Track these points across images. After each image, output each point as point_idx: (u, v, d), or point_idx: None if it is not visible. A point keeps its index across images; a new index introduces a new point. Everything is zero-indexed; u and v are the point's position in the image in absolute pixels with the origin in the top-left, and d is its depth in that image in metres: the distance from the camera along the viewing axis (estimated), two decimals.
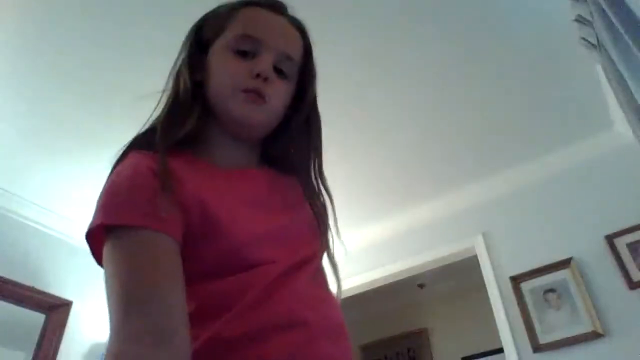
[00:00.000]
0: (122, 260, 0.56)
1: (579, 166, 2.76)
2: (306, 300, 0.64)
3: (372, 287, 3.37)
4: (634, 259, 2.34)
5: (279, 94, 0.75)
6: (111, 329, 0.52)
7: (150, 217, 0.58)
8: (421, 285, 4.45)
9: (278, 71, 0.75)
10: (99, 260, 0.61)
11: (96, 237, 0.60)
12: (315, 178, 0.81)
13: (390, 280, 3.32)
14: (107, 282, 0.56)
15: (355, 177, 2.91)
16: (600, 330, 2.27)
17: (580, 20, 1.87)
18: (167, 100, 0.74)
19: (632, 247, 2.37)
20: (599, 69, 2.20)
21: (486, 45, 2.16)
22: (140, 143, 0.70)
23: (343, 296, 2.95)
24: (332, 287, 0.74)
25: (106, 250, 0.58)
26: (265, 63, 0.72)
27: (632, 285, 2.28)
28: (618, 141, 2.65)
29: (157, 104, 0.74)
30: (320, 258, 0.75)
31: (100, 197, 0.62)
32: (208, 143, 0.75)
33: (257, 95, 0.71)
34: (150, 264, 0.56)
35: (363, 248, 3.39)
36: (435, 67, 2.24)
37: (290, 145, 0.81)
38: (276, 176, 0.79)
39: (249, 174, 0.76)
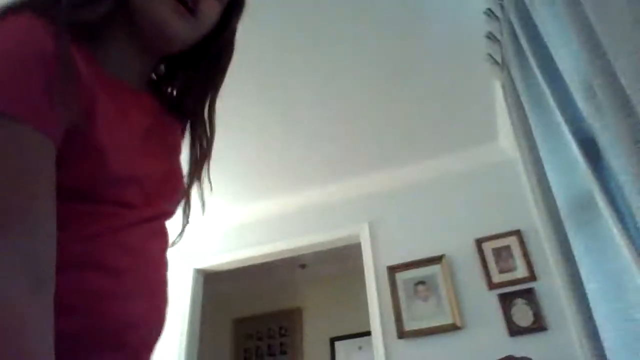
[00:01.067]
0: None
1: (461, 173, 2.98)
2: (138, 254, 0.59)
3: (254, 262, 3.35)
4: (496, 262, 2.60)
5: (210, 12, 0.67)
6: None
7: (38, 111, 0.45)
8: (303, 266, 4.54)
9: None
10: None
11: None
12: (207, 121, 0.75)
13: (274, 258, 3.33)
14: None
15: (254, 150, 2.85)
16: (459, 323, 2.49)
17: (490, 37, 1.99)
18: None
19: (496, 252, 2.63)
20: (496, 85, 2.38)
21: (401, 46, 2.21)
22: (36, 4, 0.53)
23: (225, 268, 2.89)
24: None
25: None
26: None
27: (491, 285, 2.53)
28: (499, 155, 2.90)
29: None
30: (174, 214, 0.69)
31: None
32: (108, 45, 0.63)
33: (186, 9, 0.63)
34: (28, 174, 0.44)
35: (251, 222, 3.36)
36: (347, 58, 2.26)
37: (192, 78, 0.74)
38: (161, 111, 0.71)
39: (141, 99, 0.67)
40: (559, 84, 1.22)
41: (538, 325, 2.34)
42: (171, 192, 0.67)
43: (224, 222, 3.43)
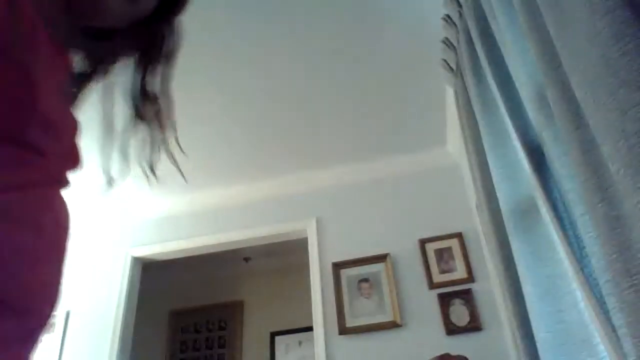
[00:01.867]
0: None
1: (409, 174, 3.05)
2: (55, 215, 0.54)
3: (197, 253, 3.27)
4: (437, 263, 2.67)
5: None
6: None
7: None
8: (247, 259, 4.48)
9: None
10: None
11: None
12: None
13: (218, 250, 3.26)
14: None
15: (202, 139, 2.77)
16: (398, 321, 2.54)
17: (446, 43, 2.04)
18: None
19: (438, 252, 2.71)
20: (448, 91, 2.44)
21: (357, 45, 2.22)
22: None
23: (166, 258, 2.78)
24: None
25: None
26: None
27: (432, 285, 2.61)
28: (446, 160, 2.99)
29: None
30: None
31: None
32: None
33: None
34: None
35: (196, 212, 3.27)
36: (302, 53, 2.24)
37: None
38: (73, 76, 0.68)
39: (65, 60, 0.63)
40: (511, 92, 1.26)
41: (474, 325, 2.43)
42: (76, 161, 0.62)
43: (168, 210, 3.32)
